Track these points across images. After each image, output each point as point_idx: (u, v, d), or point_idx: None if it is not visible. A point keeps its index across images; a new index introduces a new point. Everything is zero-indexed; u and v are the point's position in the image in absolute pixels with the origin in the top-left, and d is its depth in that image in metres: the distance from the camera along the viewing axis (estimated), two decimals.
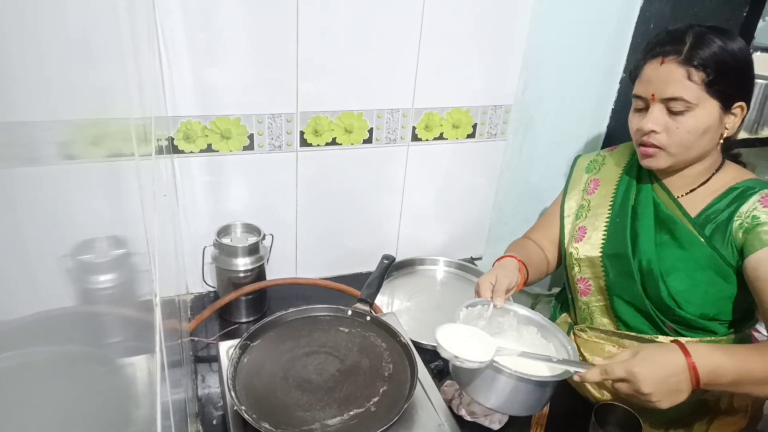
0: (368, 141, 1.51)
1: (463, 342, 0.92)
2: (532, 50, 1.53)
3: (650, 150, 1.03)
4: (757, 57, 1.48)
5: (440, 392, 1.12)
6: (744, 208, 0.99)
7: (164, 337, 0.62)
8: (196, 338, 1.33)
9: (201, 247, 1.45)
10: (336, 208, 1.57)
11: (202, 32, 1.25)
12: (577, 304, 1.23)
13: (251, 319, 1.44)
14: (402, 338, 1.13)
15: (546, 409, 1.14)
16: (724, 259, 1.01)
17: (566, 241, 1.22)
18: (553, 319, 1.32)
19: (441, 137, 1.57)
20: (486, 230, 1.79)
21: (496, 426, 1.14)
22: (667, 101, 0.99)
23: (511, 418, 1.16)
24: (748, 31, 1.30)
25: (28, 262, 0.28)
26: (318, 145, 1.46)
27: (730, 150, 1.12)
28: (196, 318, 1.34)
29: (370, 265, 1.37)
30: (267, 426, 0.93)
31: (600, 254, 1.15)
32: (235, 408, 0.96)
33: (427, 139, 1.56)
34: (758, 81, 1.46)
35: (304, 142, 1.44)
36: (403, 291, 1.60)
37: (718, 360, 0.83)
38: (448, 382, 1.20)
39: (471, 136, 1.60)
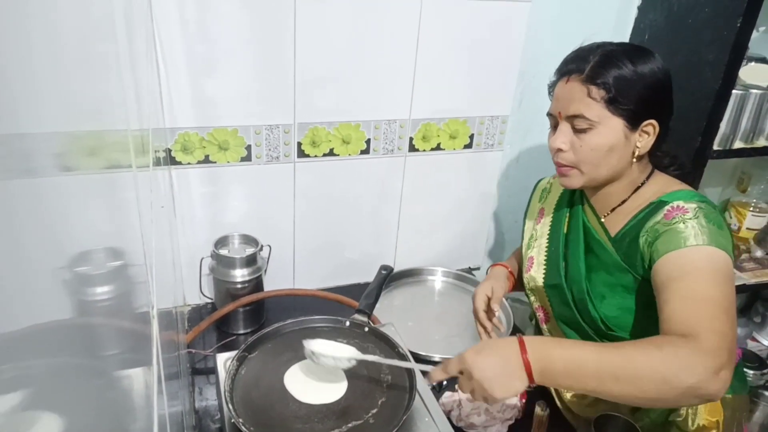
0: (366, 152, 1.51)
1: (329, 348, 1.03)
2: (528, 61, 1.54)
3: (563, 169, 1.03)
4: (751, 68, 1.49)
5: (439, 404, 1.11)
6: (650, 223, 0.97)
7: (161, 349, 0.62)
8: (193, 350, 1.33)
9: (198, 258, 1.45)
10: (334, 219, 1.57)
11: (200, 44, 1.26)
12: (542, 331, 1.24)
13: (249, 330, 1.43)
14: (400, 349, 1.12)
15: (545, 418, 1.13)
16: (644, 279, 0.99)
17: (523, 269, 1.24)
18: None
19: (438, 148, 1.58)
20: (484, 240, 1.79)
21: None
22: (571, 119, 0.99)
23: (509, 429, 1.15)
24: (741, 42, 1.31)
25: (25, 273, 0.28)
26: (315, 156, 1.46)
27: (673, 163, 1.10)
28: (194, 329, 1.33)
29: (368, 276, 1.36)
30: None
31: (543, 285, 1.17)
32: (233, 421, 0.95)
33: (424, 150, 1.57)
34: (752, 91, 1.47)
35: (301, 153, 1.45)
36: (402, 301, 1.60)
37: (550, 347, 0.83)
38: (447, 393, 1.19)
39: (468, 146, 1.61)
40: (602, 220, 1.09)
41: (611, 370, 0.79)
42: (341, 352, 1.02)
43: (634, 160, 1.00)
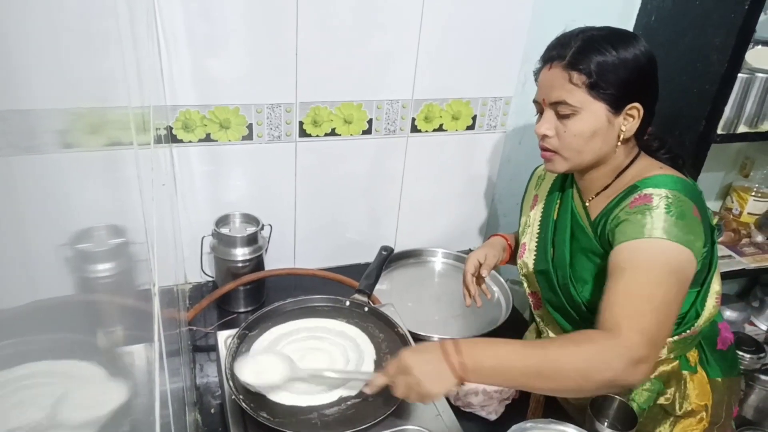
0: (367, 132, 1.50)
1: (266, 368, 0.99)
2: (533, 42, 1.52)
3: (547, 154, 1.05)
4: (758, 51, 1.48)
5: None
6: (617, 209, 0.98)
7: (163, 327, 0.63)
8: (194, 327, 1.34)
9: (200, 236, 1.45)
10: (335, 199, 1.57)
11: (201, 20, 1.24)
12: (534, 317, 1.25)
13: (249, 309, 1.44)
14: (400, 329, 1.13)
15: (542, 398, 1.15)
16: None
17: (518, 255, 1.26)
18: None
19: (440, 129, 1.57)
20: (485, 222, 1.79)
21: (493, 417, 1.14)
22: (554, 105, 0.99)
23: (507, 408, 1.16)
24: (748, 25, 1.30)
25: (26, 250, 0.28)
26: (317, 136, 1.46)
27: (662, 146, 1.10)
28: (195, 307, 1.34)
29: (369, 256, 1.37)
30: (264, 415, 0.94)
31: (533, 270, 1.19)
32: (233, 397, 0.96)
33: (426, 131, 1.56)
34: (758, 75, 1.46)
35: (303, 133, 1.44)
36: (402, 282, 1.60)
37: (480, 348, 0.88)
38: None
39: (471, 127, 1.60)
40: (587, 204, 1.10)
41: (535, 369, 0.84)
42: (273, 376, 0.97)
43: (619, 143, 1.01)
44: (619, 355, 0.82)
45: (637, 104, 0.97)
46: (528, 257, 1.20)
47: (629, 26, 1.58)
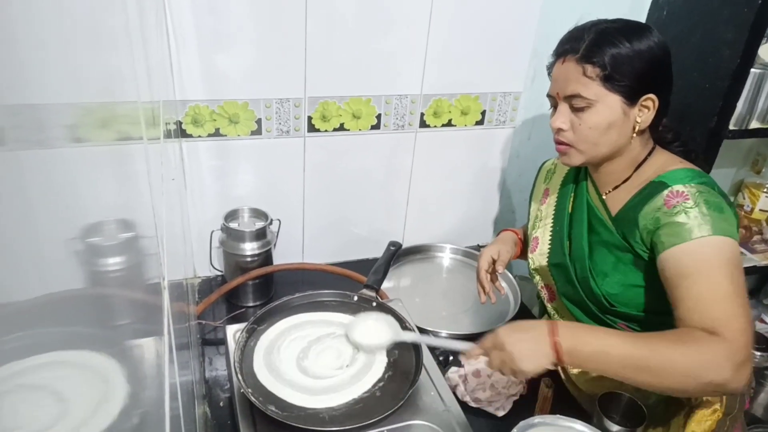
0: (376, 127, 1.50)
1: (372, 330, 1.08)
2: (542, 37, 1.51)
3: (562, 147, 1.04)
4: None
5: (445, 378, 1.12)
6: (648, 208, 0.98)
7: (172, 320, 0.63)
8: (203, 321, 1.35)
9: (208, 231, 1.46)
10: (343, 194, 1.57)
11: (210, 15, 1.25)
12: (547, 310, 1.26)
13: (258, 303, 1.45)
14: (407, 324, 1.13)
15: (550, 394, 1.14)
16: (642, 258, 1.00)
17: (528, 249, 1.25)
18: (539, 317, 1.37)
19: (449, 124, 1.57)
20: (493, 218, 1.79)
21: (501, 413, 1.14)
22: (569, 99, 0.99)
23: (514, 404, 1.16)
24: (761, 20, 1.28)
25: (37, 244, 0.28)
26: (326, 131, 1.46)
27: (677, 139, 1.09)
28: (204, 301, 1.35)
29: (377, 252, 1.37)
30: (273, 409, 0.94)
31: (547, 264, 1.19)
32: (242, 391, 0.97)
33: (435, 126, 1.56)
34: None
35: (312, 128, 1.44)
36: (410, 277, 1.60)
37: (580, 331, 0.88)
38: (453, 368, 1.20)
39: (480, 123, 1.59)
40: (603, 197, 1.10)
41: (636, 361, 0.83)
42: (380, 338, 1.05)
43: (635, 134, 1.01)
44: (728, 357, 0.81)
45: (652, 95, 0.97)
46: (541, 251, 1.20)
47: (640, 21, 1.57)
